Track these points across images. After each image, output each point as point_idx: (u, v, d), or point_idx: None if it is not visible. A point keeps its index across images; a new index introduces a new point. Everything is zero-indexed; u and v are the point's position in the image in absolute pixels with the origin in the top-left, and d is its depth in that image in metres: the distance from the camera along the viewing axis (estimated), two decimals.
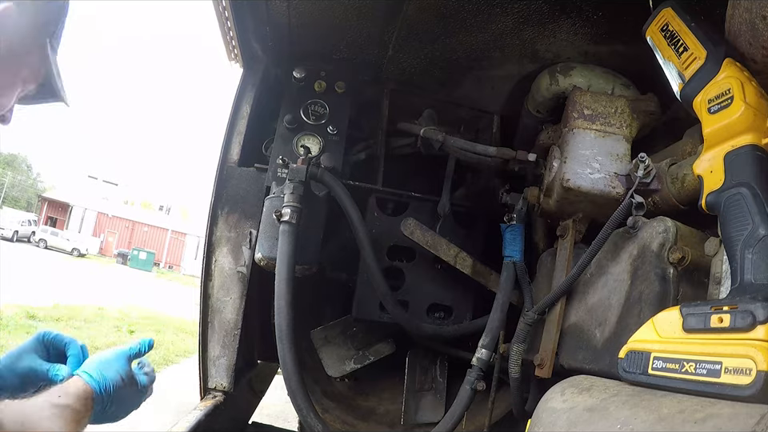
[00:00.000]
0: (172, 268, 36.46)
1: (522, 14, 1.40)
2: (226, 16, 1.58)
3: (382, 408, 2.13)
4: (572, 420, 0.86)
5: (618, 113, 1.42)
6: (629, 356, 0.89)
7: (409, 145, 1.88)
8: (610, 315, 1.18)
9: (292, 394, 1.43)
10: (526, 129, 1.81)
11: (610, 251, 1.23)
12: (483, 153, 1.64)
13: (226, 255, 1.76)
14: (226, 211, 1.77)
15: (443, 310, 1.89)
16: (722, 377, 0.71)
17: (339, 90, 1.80)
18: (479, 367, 1.49)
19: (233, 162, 1.80)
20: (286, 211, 1.51)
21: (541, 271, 1.58)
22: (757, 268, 0.82)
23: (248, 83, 1.86)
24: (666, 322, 0.86)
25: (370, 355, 2.03)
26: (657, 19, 1.19)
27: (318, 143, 1.75)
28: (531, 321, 1.39)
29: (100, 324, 7.90)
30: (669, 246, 1.06)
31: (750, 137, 0.92)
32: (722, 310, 0.76)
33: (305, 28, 1.66)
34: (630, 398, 0.80)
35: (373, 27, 1.60)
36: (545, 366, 1.33)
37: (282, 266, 1.47)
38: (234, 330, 1.74)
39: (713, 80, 1.00)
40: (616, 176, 1.34)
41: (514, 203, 1.63)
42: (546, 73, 1.60)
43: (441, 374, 2.06)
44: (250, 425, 2.25)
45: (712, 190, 0.95)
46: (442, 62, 1.72)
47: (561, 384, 1.01)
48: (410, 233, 1.72)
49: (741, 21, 0.98)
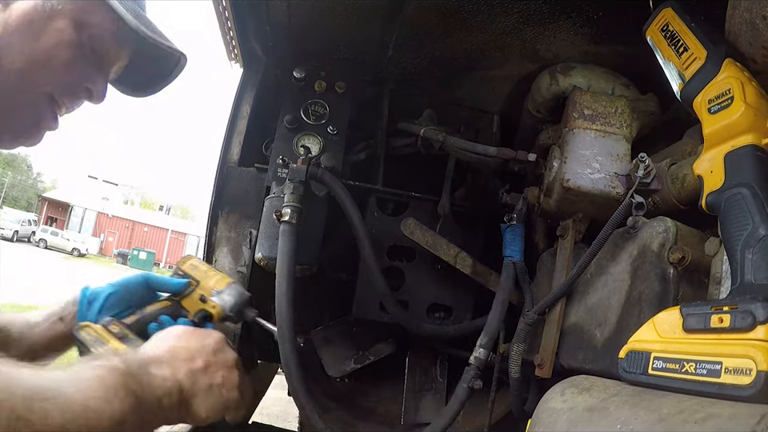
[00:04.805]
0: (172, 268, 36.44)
1: (522, 14, 1.40)
2: (226, 16, 1.57)
3: (382, 408, 2.13)
4: (572, 420, 0.86)
5: (618, 113, 1.42)
6: (629, 356, 0.89)
7: (409, 145, 1.88)
8: (610, 315, 1.18)
9: (294, 393, 1.43)
10: (525, 129, 1.81)
11: (609, 251, 1.23)
12: (483, 153, 1.64)
13: (226, 255, 1.76)
14: (226, 211, 1.77)
15: (443, 309, 1.89)
16: (722, 377, 0.71)
17: (339, 90, 1.80)
18: (476, 366, 1.49)
19: (233, 162, 1.80)
20: (286, 211, 1.51)
21: (541, 271, 1.58)
22: (757, 268, 0.82)
23: (248, 83, 1.86)
24: (666, 322, 0.86)
25: (370, 355, 2.03)
26: (657, 19, 1.19)
27: (318, 143, 1.75)
28: (531, 321, 1.39)
29: None
30: (669, 246, 1.06)
31: (750, 137, 0.92)
32: (722, 310, 0.76)
33: (305, 28, 1.66)
34: (630, 397, 0.80)
35: (373, 27, 1.60)
36: (545, 366, 1.34)
37: (283, 266, 1.47)
38: (234, 329, 1.74)
39: (713, 80, 1.00)
40: (616, 176, 1.34)
41: (514, 203, 1.63)
42: (546, 73, 1.60)
43: (441, 374, 2.06)
44: (250, 425, 2.25)
45: (712, 190, 0.95)
46: (442, 62, 1.72)
47: (561, 384, 1.01)
48: (410, 233, 1.72)
49: (741, 21, 0.98)
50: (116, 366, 0.73)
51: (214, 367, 0.85)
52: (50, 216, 36.36)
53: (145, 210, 45.11)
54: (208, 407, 0.83)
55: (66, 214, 36.01)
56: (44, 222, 33.73)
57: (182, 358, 0.83)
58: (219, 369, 0.86)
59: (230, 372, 0.87)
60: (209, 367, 0.84)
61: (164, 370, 0.79)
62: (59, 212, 36.89)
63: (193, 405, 0.82)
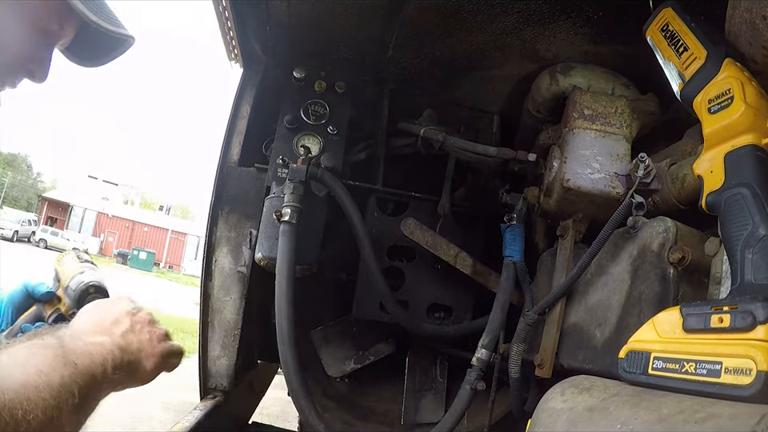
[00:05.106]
0: (172, 268, 36.47)
1: (522, 13, 1.40)
2: (226, 16, 1.57)
3: (382, 408, 2.13)
4: (572, 420, 0.86)
5: (618, 113, 1.42)
6: (629, 356, 0.89)
7: (409, 145, 1.88)
8: (610, 315, 1.18)
9: (293, 393, 1.43)
10: (525, 129, 1.81)
11: (610, 251, 1.23)
12: (483, 153, 1.64)
13: (226, 255, 1.76)
14: (226, 211, 1.77)
15: (443, 309, 1.89)
16: (722, 377, 0.71)
17: (339, 90, 1.80)
18: (479, 367, 1.49)
19: (233, 162, 1.80)
20: (286, 211, 1.51)
21: (541, 271, 1.58)
22: (757, 268, 0.82)
23: (248, 83, 1.86)
24: (666, 322, 0.86)
25: (370, 355, 2.03)
26: (657, 19, 1.19)
27: (318, 143, 1.75)
28: (531, 321, 1.39)
29: None
30: (669, 246, 1.06)
31: (750, 137, 0.92)
32: (722, 310, 0.76)
33: (305, 28, 1.66)
34: (630, 397, 0.80)
35: (373, 27, 1.60)
36: (545, 366, 1.34)
37: (283, 266, 1.47)
38: (234, 330, 1.74)
39: (713, 80, 1.00)
40: (616, 176, 1.34)
41: (514, 203, 1.63)
42: (546, 73, 1.60)
43: (441, 374, 2.06)
44: (250, 425, 2.25)
45: (712, 190, 0.95)
46: (442, 62, 1.72)
47: (561, 384, 1.01)
48: (410, 233, 1.72)
49: (741, 21, 0.98)
50: (48, 342, 0.74)
51: (139, 325, 0.87)
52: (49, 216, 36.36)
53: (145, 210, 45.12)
54: (150, 362, 0.86)
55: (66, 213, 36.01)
56: (44, 222, 33.73)
57: (108, 324, 0.85)
58: (143, 326, 0.88)
59: (153, 326, 0.90)
60: (134, 326, 0.87)
61: (97, 337, 0.81)
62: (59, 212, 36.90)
63: (136, 363, 0.84)
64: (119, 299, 0.93)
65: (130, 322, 0.86)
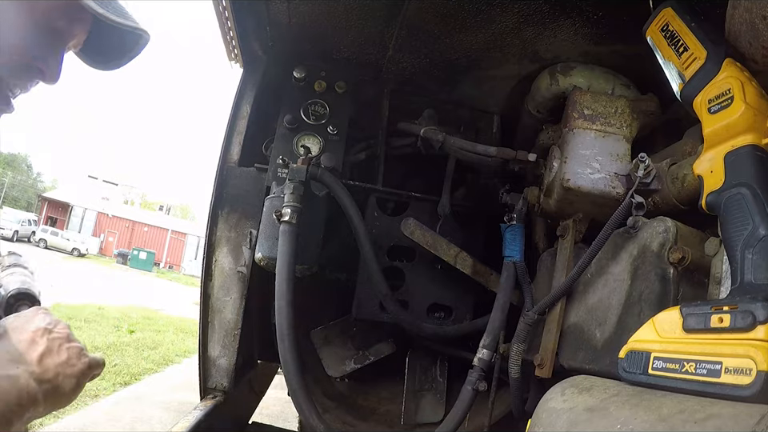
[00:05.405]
0: (172, 268, 36.45)
1: (522, 13, 1.40)
2: (226, 16, 1.57)
3: (382, 408, 2.13)
4: (572, 420, 0.86)
5: (618, 113, 1.42)
6: (629, 356, 0.89)
7: (409, 145, 1.88)
8: (610, 315, 1.18)
9: (293, 393, 1.43)
10: (525, 129, 1.81)
11: (610, 251, 1.23)
12: (483, 153, 1.64)
13: (226, 255, 1.76)
14: (226, 211, 1.77)
15: (443, 310, 1.89)
16: (722, 377, 0.71)
17: (339, 90, 1.80)
18: (480, 368, 1.49)
19: (233, 162, 1.80)
20: (286, 211, 1.51)
21: (541, 271, 1.58)
22: (757, 268, 0.82)
23: (248, 83, 1.86)
24: (666, 322, 0.86)
25: (370, 355, 2.03)
26: (657, 19, 1.19)
27: (318, 143, 1.75)
28: (531, 321, 1.39)
29: (100, 324, 7.90)
30: (669, 246, 1.06)
31: (750, 137, 0.92)
32: (722, 309, 0.76)
33: (305, 28, 1.66)
34: (630, 397, 0.80)
35: (373, 27, 1.60)
36: (545, 366, 1.34)
37: (283, 266, 1.47)
38: (234, 329, 1.74)
39: (713, 80, 1.00)
40: (616, 176, 1.34)
41: (514, 203, 1.63)
42: (546, 73, 1.60)
43: (441, 374, 2.06)
44: (250, 425, 2.25)
45: (712, 190, 0.95)
46: (442, 62, 1.72)
47: (561, 384, 1.01)
48: (410, 233, 1.72)
49: (741, 21, 0.98)
50: None
51: (57, 342, 0.83)
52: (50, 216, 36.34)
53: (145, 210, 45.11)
54: (69, 383, 0.82)
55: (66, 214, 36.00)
56: (44, 222, 33.71)
57: (24, 347, 0.80)
58: (62, 343, 0.83)
59: (71, 341, 0.85)
60: (51, 346, 0.82)
61: (11, 370, 0.76)
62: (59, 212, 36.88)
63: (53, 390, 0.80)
64: (35, 314, 0.87)
65: (46, 342, 0.81)
